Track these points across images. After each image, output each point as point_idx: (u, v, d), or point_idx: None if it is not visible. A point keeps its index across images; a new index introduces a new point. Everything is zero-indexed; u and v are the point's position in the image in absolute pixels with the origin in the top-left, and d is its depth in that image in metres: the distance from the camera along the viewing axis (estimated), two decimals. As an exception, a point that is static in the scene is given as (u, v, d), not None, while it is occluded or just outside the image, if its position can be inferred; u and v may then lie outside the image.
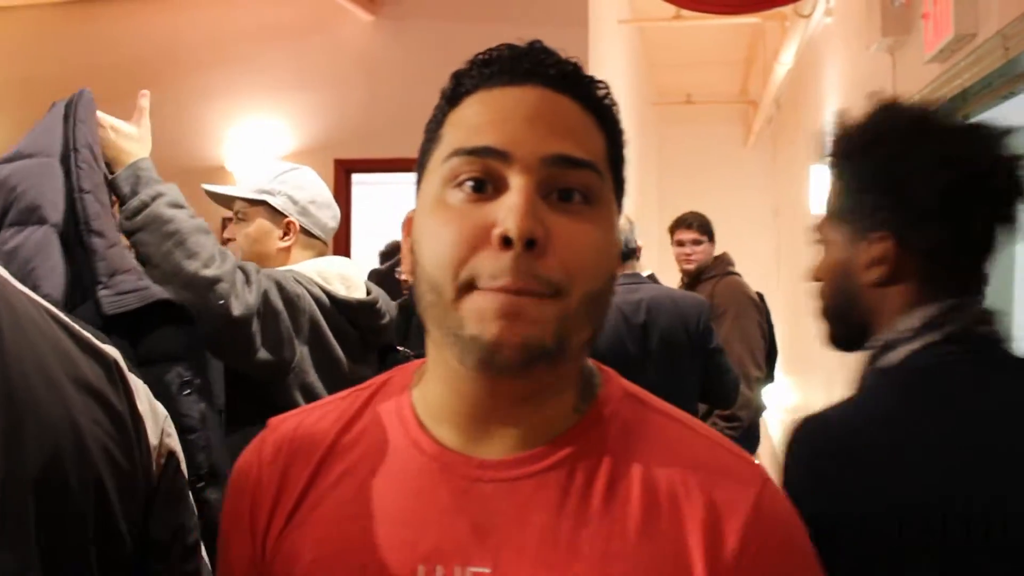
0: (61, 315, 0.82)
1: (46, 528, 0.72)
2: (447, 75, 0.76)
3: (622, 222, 2.99)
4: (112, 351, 0.84)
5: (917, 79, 3.28)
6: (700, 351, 2.81)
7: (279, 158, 4.92)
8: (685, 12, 5.02)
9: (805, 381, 5.20)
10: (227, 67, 4.98)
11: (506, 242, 0.65)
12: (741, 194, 8.39)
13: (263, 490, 0.77)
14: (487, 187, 0.68)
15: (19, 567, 0.70)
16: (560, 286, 0.66)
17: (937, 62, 3.00)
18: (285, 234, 1.99)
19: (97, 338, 0.84)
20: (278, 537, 0.75)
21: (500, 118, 0.69)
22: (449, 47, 4.68)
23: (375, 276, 3.74)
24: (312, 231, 2.02)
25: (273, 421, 0.82)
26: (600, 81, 0.74)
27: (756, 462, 0.73)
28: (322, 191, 2.08)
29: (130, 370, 0.86)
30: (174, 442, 0.88)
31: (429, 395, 0.75)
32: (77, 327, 0.82)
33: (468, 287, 0.66)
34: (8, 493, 0.69)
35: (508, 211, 0.65)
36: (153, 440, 0.84)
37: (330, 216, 2.07)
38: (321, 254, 2.05)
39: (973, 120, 3.20)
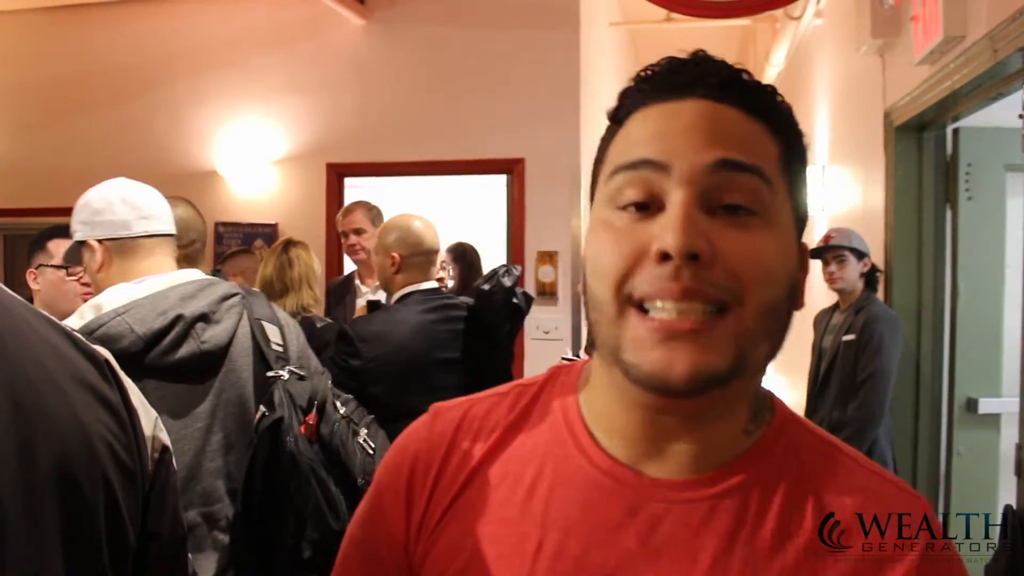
0: (54, 319, 0.83)
1: (63, 525, 0.74)
2: (438, 79, 0.75)
3: None
4: (103, 351, 0.86)
5: (907, 81, 3.29)
6: None
7: (271, 162, 4.91)
8: (676, 14, 5.03)
9: (796, 381, 5.20)
10: (219, 71, 4.97)
11: (666, 257, 0.62)
12: (733, 196, 8.38)
13: (422, 471, 0.76)
14: (651, 207, 0.65)
15: (39, 564, 0.72)
16: (733, 293, 0.63)
17: (927, 64, 3.02)
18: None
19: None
20: (435, 525, 0.74)
21: (659, 132, 0.67)
22: (440, 51, 4.69)
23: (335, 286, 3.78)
24: (115, 236, 1.78)
25: (438, 406, 0.81)
26: (768, 87, 0.70)
27: (920, 495, 0.72)
28: (106, 192, 1.81)
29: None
30: (166, 437, 0.90)
31: (597, 404, 0.73)
32: (69, 329, 0.84)
33: (629, 302, 0.64)
34: (26, 497, 0.70)
35: (665, 227, 0.63)
36: (147, 431, 0.87)
37: (128, 209, 1.79)
38: (159, 254, 1.82)
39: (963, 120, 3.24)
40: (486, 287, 2.68)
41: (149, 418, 0.88)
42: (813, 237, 5.09)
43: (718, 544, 0.66)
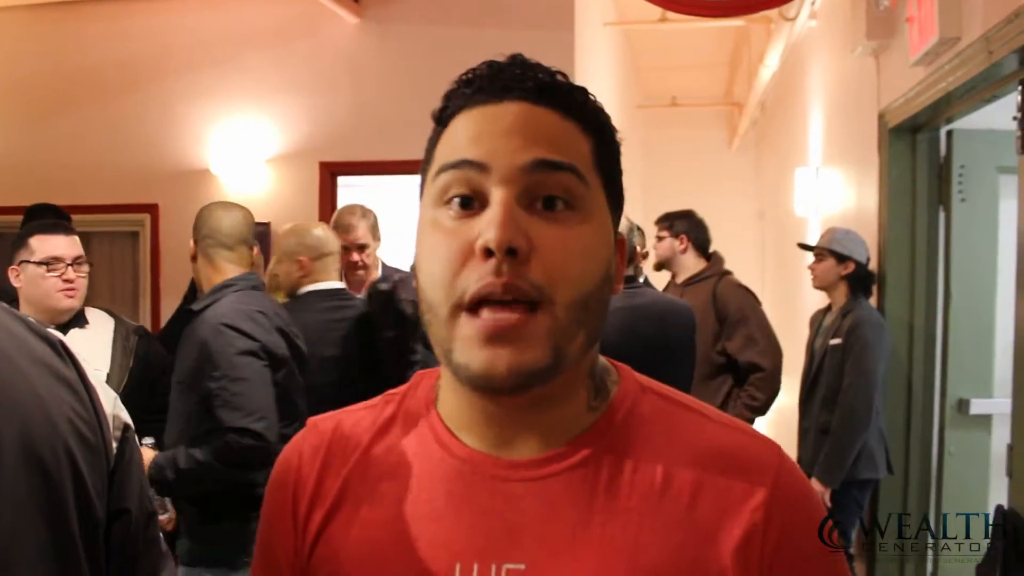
0: (5, 305, 0.86)
1: (29, 500, 0.75)
2: (433, 78, 0.77)
3: (622, 225, 2.99)
4: (56, 334, 0.88)
5: (902, 82, 3.30)
6: (691, 354, 2.81)
7: (264, 161, 4.90)
8: (671, 15, 5.03)
9: (790, 381, 5.23)
10: (212, 69, 4.95)
11: (489, 253, 0.67)
12: (726, 196, 8.41)
13: (303, 486, 0.80)
14: (474, 203, 0.70)
15: (7, 540, 0.73)
16: (545, 292, 0.67)
17: (922, 65, 3.02)
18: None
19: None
20: (316, 535, 0.78)
21: (480, 133, 0.71)
22: (435, 50, 4.67)
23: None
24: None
25: (313, 420, 0.85)
26: (580, 88, 0.75)
27: (770, 439, 0.76)
28: None
29: None
30: (126, 415, 0.92)
31: (449, 404, 0.78)
32: (22, 314, 0.87)
33: (460, 306, 0.68)
34: None
35: (488, 223, 0.67)
36: (107, 409, 0.88)
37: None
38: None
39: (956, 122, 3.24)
40: (369, 291, 2.81)
41: (108, 397, 0.90)
42: (807, 237, 5.11)
43: (576, 513, 0.71)
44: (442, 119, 0.76)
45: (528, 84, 0.72)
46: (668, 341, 2.72)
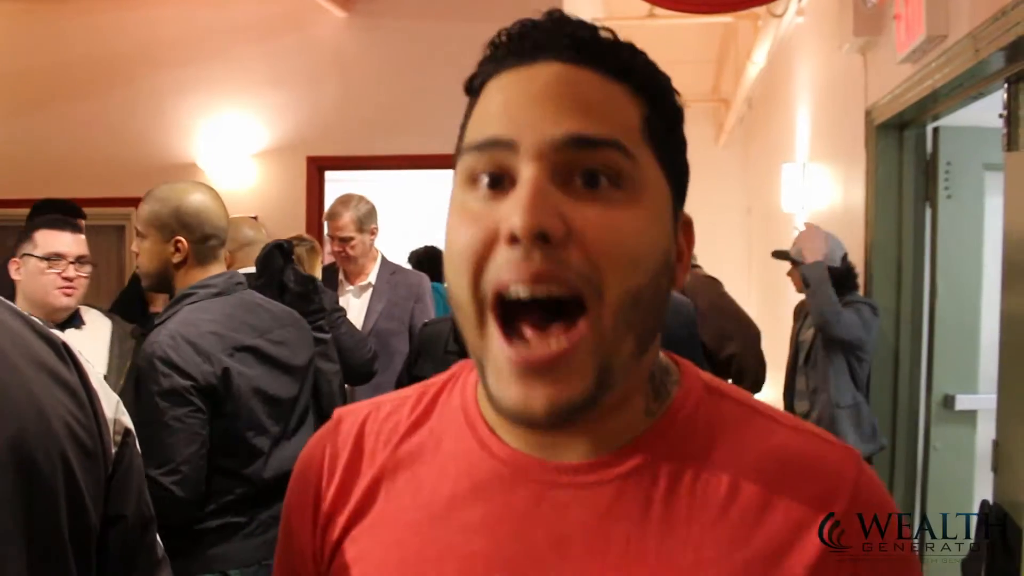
0: (10, 303, 0.84)
1: (19, 503, 0.73)
2: (420, 73, 0.74)
3: None
4: (60, 335, 0.86)
5: (889, 79, 3.31)
6: (693, 348, 2.80)
7: (251, 155, 4.87)
8: (658, 11, 5.03)
9: (773, 375, 5.24)
10: (200, 63, 4.92)
11: (515, 240, 0.58)
12: (713, 192, 8.43)
13: (327, 484, 0.74)
14: (504, 181, 0.61)
15: None
16: (590, 281, 0.59)
17: (909, 63, 3.03)
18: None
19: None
20: (339, 538, 0.72)
21: (507, 103, 0.62)
22: (423, 45, 4.66)
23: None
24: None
25: (341, 411, 0.78)
26: (628, 45, 0.66)
27: (848, 446, 0.69)
28: None
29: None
30: (128, 419, 0.90)
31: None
32: (27, 314, 0.85)
33: (486, 305, 0.61)
34: None
35: (514, 205, 0.58)
36: (108, 413, 0.86)
37: None
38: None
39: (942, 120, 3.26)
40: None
41: (110, 401, 0.88)
42: (794, 233, 5.12)
43: (630, 526, 0.63)
44: (473, 88, 0.67)
45: (564, 41, 0.63)
46: (669, 337, 2.70)
